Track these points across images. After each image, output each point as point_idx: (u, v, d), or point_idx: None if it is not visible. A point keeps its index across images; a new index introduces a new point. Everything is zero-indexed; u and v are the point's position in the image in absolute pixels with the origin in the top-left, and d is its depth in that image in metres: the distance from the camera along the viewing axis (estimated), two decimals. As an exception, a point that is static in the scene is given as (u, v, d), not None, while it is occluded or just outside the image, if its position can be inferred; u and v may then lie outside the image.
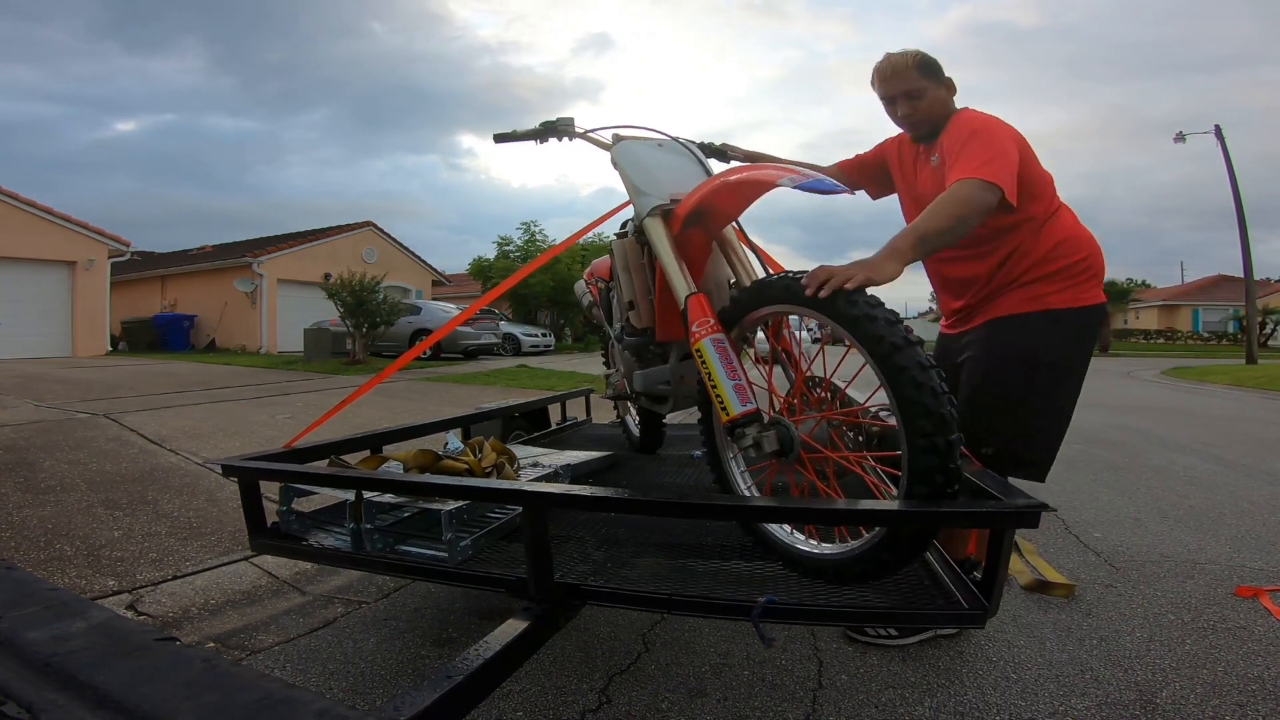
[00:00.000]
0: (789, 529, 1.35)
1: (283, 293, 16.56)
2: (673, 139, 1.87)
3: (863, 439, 1.34)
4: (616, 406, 2.86)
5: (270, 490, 1.70)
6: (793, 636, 1.77)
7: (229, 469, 1.53)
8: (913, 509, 1.07)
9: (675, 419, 2.53)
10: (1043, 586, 2.06)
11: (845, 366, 1.33)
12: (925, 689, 1.52)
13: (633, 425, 2.64)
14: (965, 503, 1.16)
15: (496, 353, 14.70)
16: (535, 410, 3.00)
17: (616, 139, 1.83)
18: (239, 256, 16.71)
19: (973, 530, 1.58)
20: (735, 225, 1.73)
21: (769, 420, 1.31)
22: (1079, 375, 1.63)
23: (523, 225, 22.22)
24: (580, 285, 2.64)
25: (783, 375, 1.48)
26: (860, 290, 1.16)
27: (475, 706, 0.95)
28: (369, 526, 1.44)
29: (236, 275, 16.30)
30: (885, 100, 1.66)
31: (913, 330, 1.10)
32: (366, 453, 1.87)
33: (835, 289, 1.15)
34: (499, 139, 2.04)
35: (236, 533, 2.48)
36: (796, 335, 1.49)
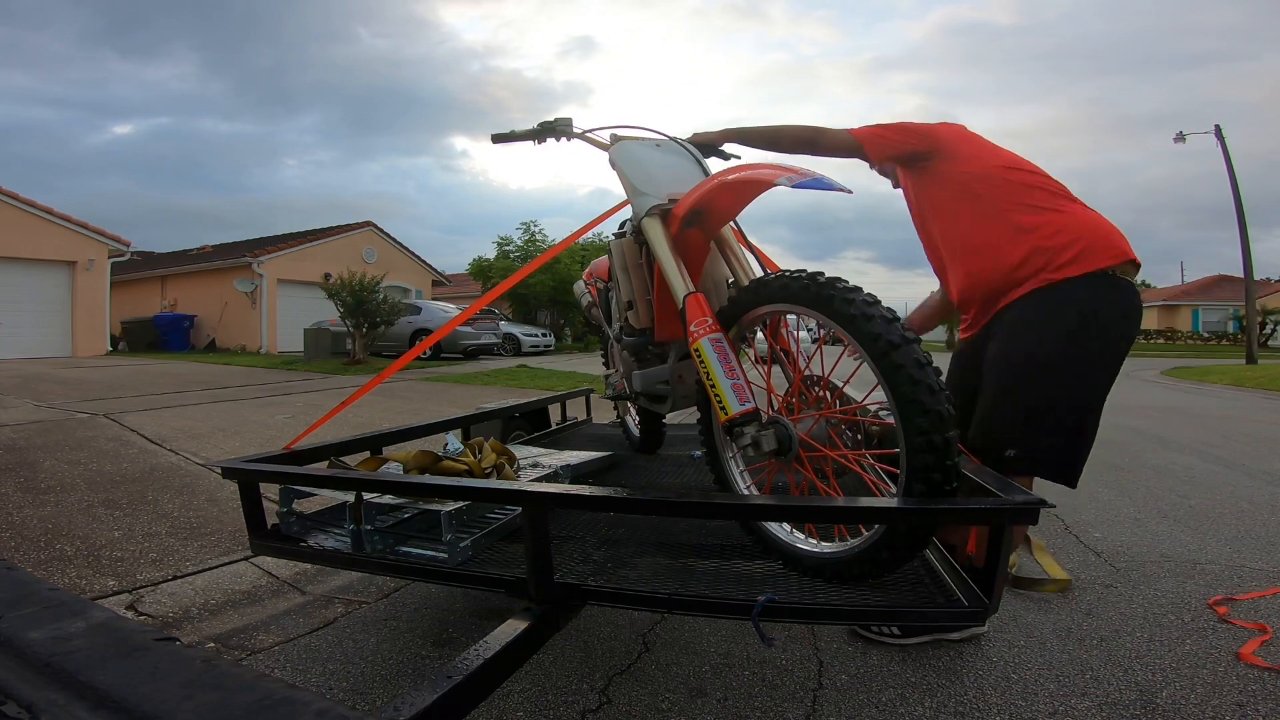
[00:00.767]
0: (788, 528, 1.35)
1: (283, 293, 16.56)
2: (670, 139, 1.87)
3: (861, 437, 1.35)
4: (616, 406, 2.86)
5: (270, 491, 1.70)
6: (793, 636, 1.77)
7: (228, 471, 1.53)
8: (911, 505, 1.07)
9: (675, 419, 2.53)
10: (1029, 584, 2.06)
11: (844, 365, 1.33)
12: (926, 689, 1.52)
13: (633, 425, 2.64)
14: (964, 499, 1.16)
15: (496, 353, 14.70)
16: (535, 410, 3.00)
17: (615, 139, 1.83)
18: (239, 256, 16.71)
19: (971, 528, 1.58)
20: (733, 225, 1.73)
21: (767, 419, 1.32)
22: (1093, 357, 1.66)
23: (522, 225, 22.14)
24: (579, 285, 2.64)
25: (781, 374, 1.48)
26: (858, 289, 1.17)
27: (475, 706, 0.95)
28: (369, 527, 1.44)
29: (236, 275, 16.31)
30: None
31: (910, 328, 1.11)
32: (366, 454, 1.87)
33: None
34: (497, 139, 2.04)
35: (236, 533, 2.48)
36: (795, 334, 1.50)
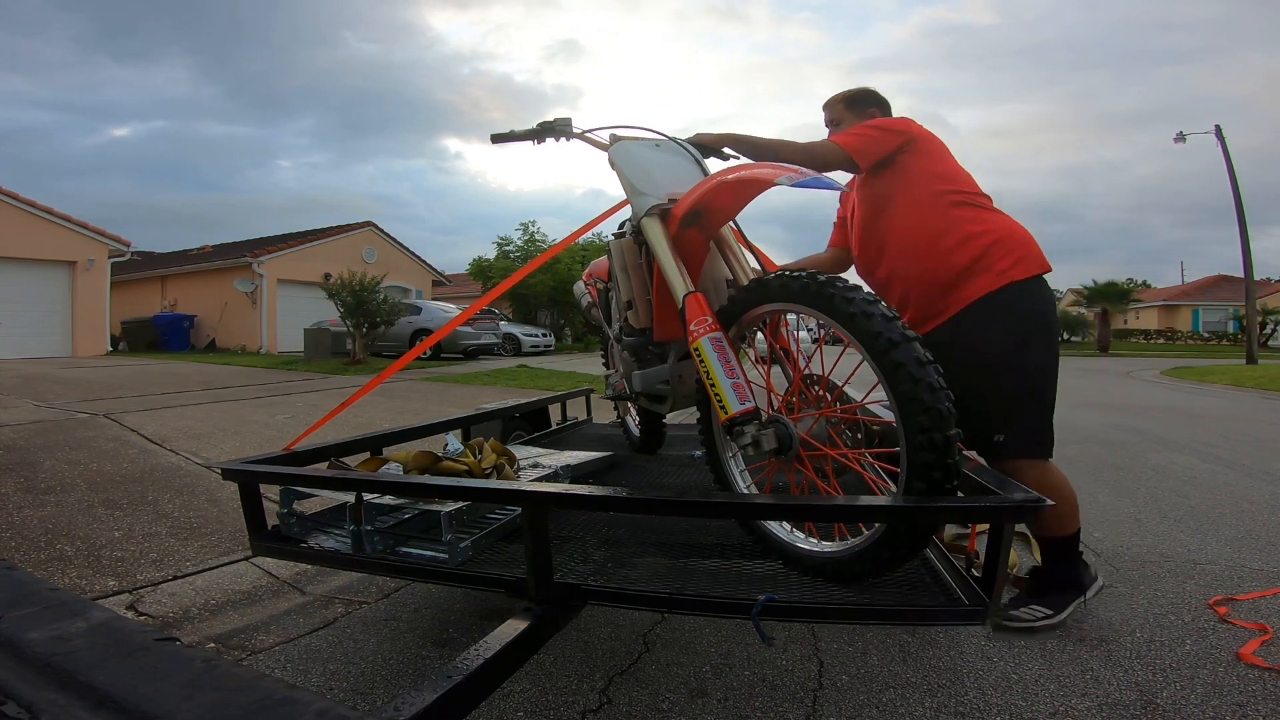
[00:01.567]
0: (788, 527, 1.35)
1: (283, 293, 16.56)
2: (670, 139, 1.87)
3: (861, 436, 1.35)
4: (616, 407, 2.86)
5: (270, 492, 1.70)
6: (793, 636, 1.77)
7: (229, 473, 1.52)
8: (911, 504, 1.07)
9: (675, 419, 2.53)
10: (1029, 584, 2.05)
11: (843, 364, 1.33)
12: (926, 689, 1.52)
13: (633, 425, 2.64)
14: (964, 497, 1.16)
15: (496, 353, 14.70)
16: (535, 410, 3.00)
17: (614, 139, 1.83)
18: (239, 256, 16.71)
19: (973, 527, 1.59)
20: (733, 225, 1.73)
21: (767, 418, 1.32)
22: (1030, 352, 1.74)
23: (522, 225, 22.14)
24: (579, 286, 2.64)
25: (781, 374, 1.48)
26: (857, 288, 1.17)
27: (475, 706, 0.95)
28: (369, 528, 1.44)
29: (236, 275, 16.31)
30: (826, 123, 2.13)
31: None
32: (366, 454, 1.87)
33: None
34: (496, 139, 2.04)
35: (237, 533, 2.48)
36: (795, 334, 1.50)
